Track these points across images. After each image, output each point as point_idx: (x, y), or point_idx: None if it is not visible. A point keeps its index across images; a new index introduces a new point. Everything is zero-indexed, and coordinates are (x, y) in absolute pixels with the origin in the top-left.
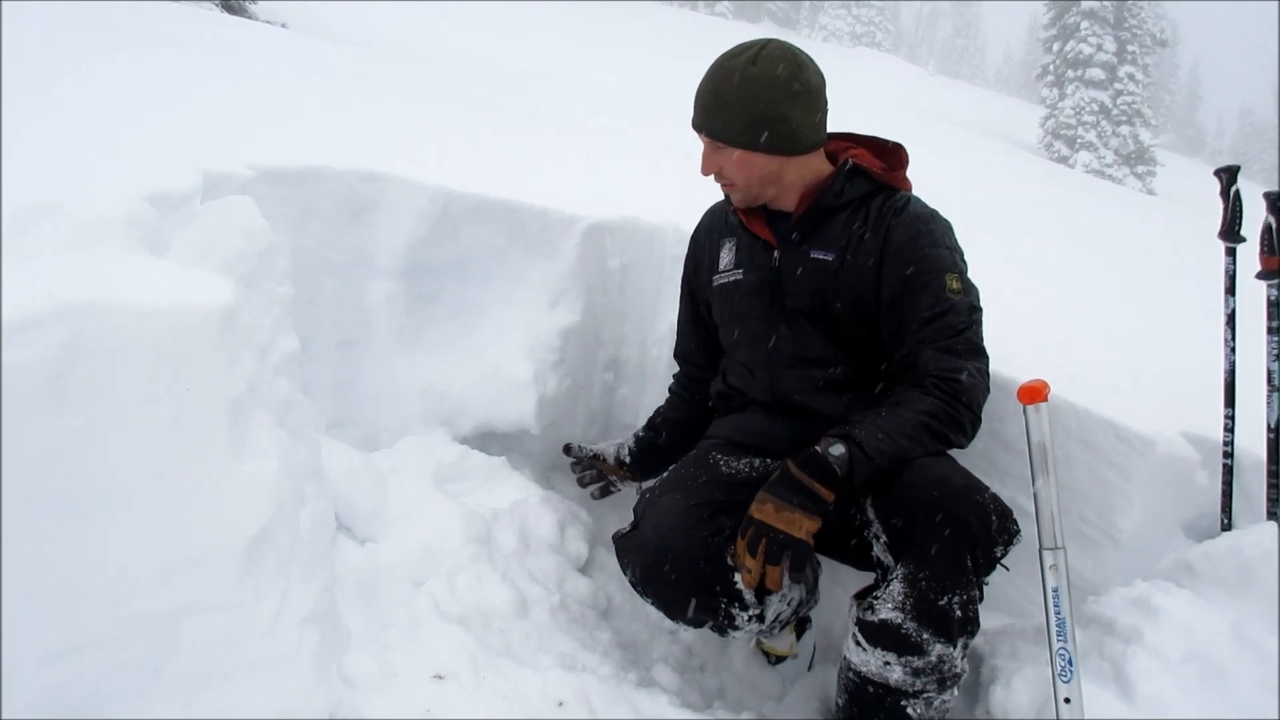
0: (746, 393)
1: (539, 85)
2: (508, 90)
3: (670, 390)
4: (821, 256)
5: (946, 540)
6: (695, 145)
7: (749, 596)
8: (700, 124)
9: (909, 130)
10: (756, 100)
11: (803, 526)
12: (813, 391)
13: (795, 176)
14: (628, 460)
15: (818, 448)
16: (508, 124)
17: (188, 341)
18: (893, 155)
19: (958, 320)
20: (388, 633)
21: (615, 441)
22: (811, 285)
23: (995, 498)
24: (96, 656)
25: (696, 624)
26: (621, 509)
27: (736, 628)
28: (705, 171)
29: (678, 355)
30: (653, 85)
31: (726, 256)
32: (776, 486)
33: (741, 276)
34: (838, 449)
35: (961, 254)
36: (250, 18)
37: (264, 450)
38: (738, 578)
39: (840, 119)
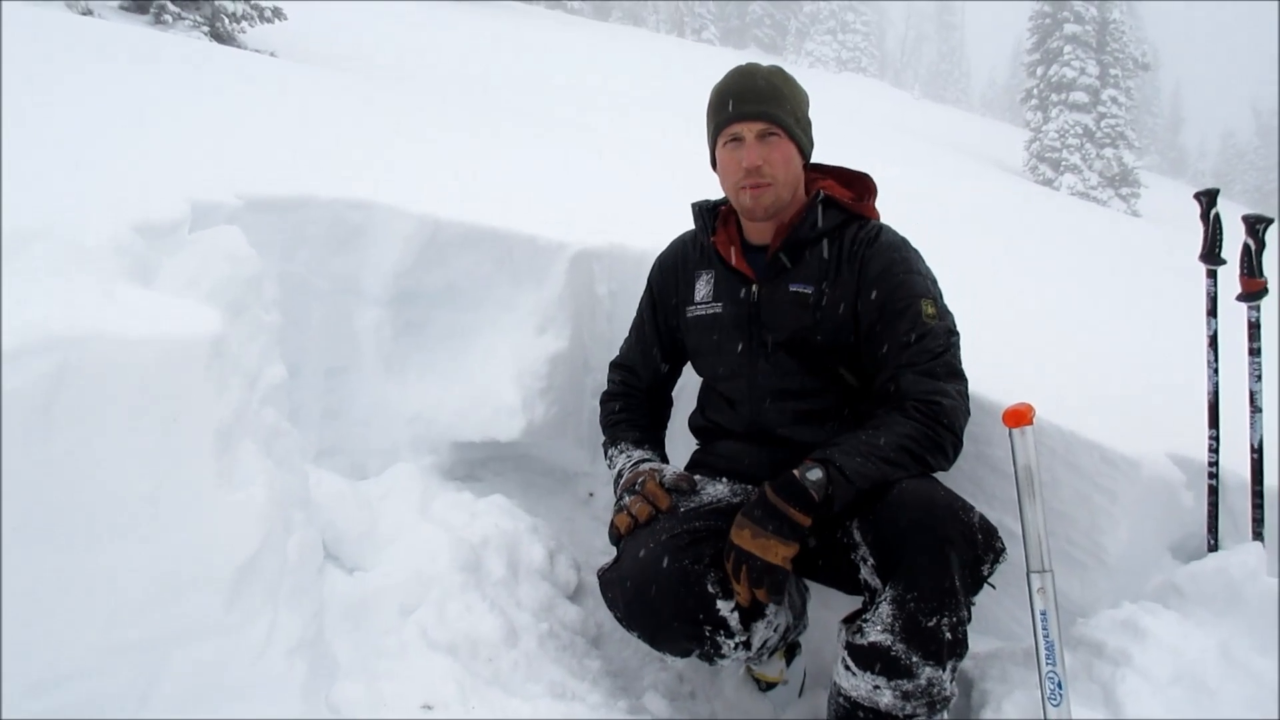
0: (727, 425)
1: (532, 102)
2: (499, 110)
3: (621, 408)
4: (800, 290)
5: (934, 560)
6: (683, 160)
7: (734, 624)
8: (760, 112)
9: (895, 152)
10: (801, 100)
11: (778, 553)
12: (795, 423)
13: (799, 193)
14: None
15: (795, 472)
16: (498, 144)
17: (175, 370)
18: (860, 184)
19: (936, 344)
20: (376, 661)
21: (651, 471)
22: (791, 319)
23: (980, 516)
24: (84, 685)
25: (683, 654)
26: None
27: (723, 656)
28: (752, 162)
29: (623, 365)
30: (646, 103)
31: (703, 289)
32: (754, 511)
33: (720, 310)
34: (815, 474)
35: (934, 280)
36: (239, 46)
37: (251, 478)
38: (720, 605)
39: (829, 141)
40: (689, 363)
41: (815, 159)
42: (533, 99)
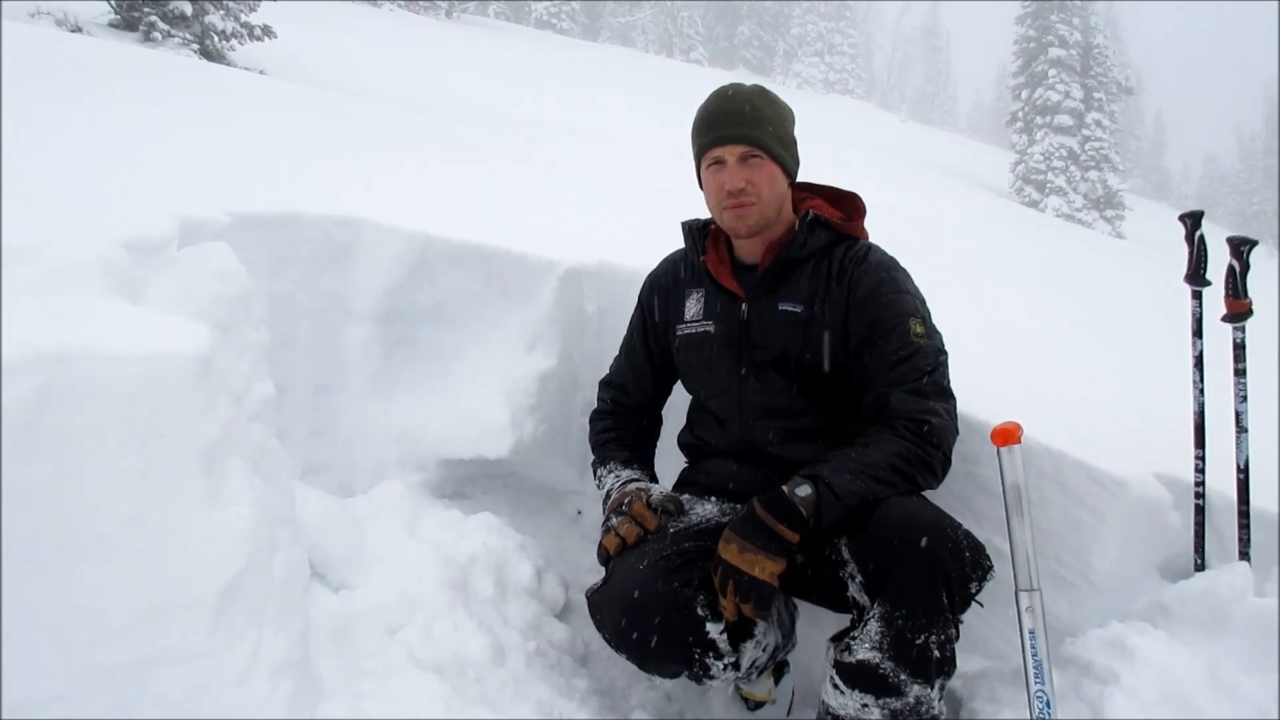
0: (716, 443)
1: (525, 127)
2: (492, 131)
3: (611, 427)
4: (790, 309)
5: (921, 577)
6: (673, 185)
7: (723, 645)
8: (740, 135)
9: (882, 174)
10: (783, 120)
11: (765, 568)
12: (784, 441)
13: (784, 212)
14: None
15: (784, 488)
16: (492, 165)
17: (162, 387)
18: (849, 204)
19: (925, 363)
20: (361, 682)
21: (638, 491)
22: (781, 337)
23: (968, 534)
24: (63, 708)
25: (672, 675)
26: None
27: (712, 676)
28: (734, 184)
29: (613, 384)
30: (642, 127)
31: (694, 307)
32: (742, 526)
33: (711, 328)
34: (804, 490)
35: (923, 300)
36: (229, 64)
37: (238, 496)
38: (710, 628)
39: (817, 163)
40: (679, 381)
41: (804, 179)
42: (521, 126)
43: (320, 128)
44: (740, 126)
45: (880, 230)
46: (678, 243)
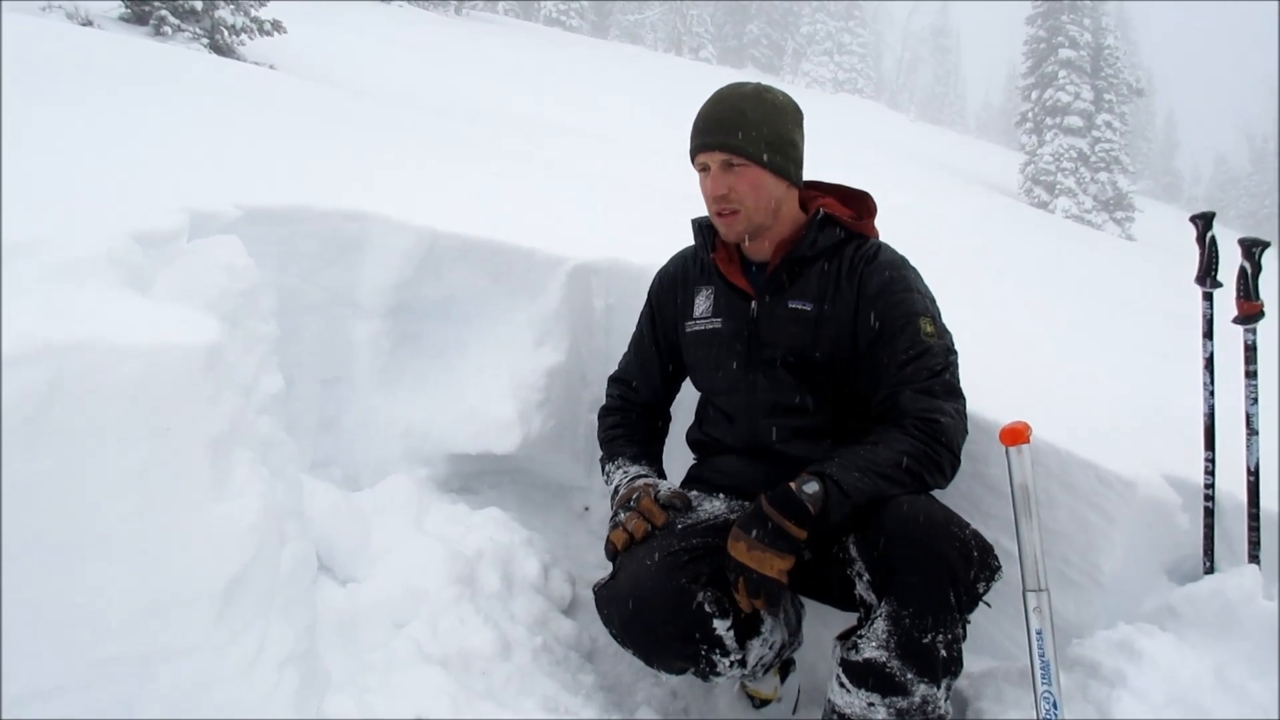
0: (724, 440)
1: (525, 127)
2: (493, 131)
3: (619, 423)
4: (799, 307)
5: (929, 576)
6: (682, 186)
7: (730, 642)
8: (720, 142)
9: (892, 173)
10: (776, 122)
11: (774, 565)
12: (791, 439)
13: (787, 212)
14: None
15: (792, 484)
16: (493, 164)
17: (170, 380)
18: (859, 203)
19: (934, 362)
20: (368, 675)
21: (646, 487)
22: (790, 335)
23: (976, 534)
24: (68, 700)
25: (678, 672)
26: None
27: (718, 674)
28: (716, 192)
29: (622, 380)
30: (642, 127)
31: (703, 304)
32: (749, 522)
33: (720, 325)
34: (812, 486)
35: (933, 299)
36: (238, 58)
37: (245, 489)
38: (716, 624)
39: (827, 162)
40: (687, 377)
41: (815, 178)
42: (521, 126)
43: (320, 127)
44: (721, 134)
45: (890, 230)
46: (679, 243)
